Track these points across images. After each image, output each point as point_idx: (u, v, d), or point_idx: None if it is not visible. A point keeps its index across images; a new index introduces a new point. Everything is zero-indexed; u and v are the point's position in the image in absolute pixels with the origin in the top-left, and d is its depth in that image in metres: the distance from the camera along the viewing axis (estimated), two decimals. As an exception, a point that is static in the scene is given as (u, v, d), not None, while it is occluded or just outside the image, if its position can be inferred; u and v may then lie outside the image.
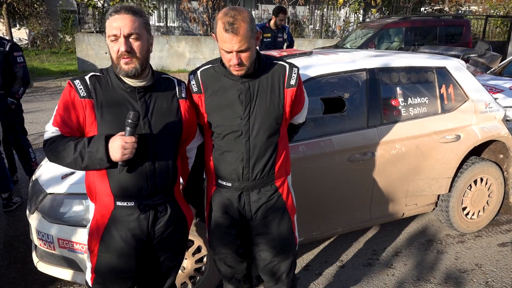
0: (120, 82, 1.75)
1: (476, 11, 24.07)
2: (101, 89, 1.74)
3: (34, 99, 9.05)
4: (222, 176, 2.01)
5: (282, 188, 2.07)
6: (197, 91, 1.94)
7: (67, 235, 2.45)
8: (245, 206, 2.03)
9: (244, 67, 1.81)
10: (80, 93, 1.70)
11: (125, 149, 1.62)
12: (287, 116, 1.99)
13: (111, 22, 1.65)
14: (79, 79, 1.75)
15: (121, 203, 1.79)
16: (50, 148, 1.71)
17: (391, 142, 3.09)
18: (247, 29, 1.73)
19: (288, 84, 1.94)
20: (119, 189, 1.77)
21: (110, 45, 1.67)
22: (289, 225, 2.11)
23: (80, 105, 1.71)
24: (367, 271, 3.15)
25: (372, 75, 3.10)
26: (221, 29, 1.73)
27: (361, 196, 3.15)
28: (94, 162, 1.66)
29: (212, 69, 1.95)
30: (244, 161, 1.94)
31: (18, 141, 4.39)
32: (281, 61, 1.98)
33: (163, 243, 1.91)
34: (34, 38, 18.94)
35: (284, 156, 2.05)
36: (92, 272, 1.87)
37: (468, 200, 3.59)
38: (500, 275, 3.12)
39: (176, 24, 17.63)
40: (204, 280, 2.75)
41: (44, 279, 2.97)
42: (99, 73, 1.78)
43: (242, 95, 1.88)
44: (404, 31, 9.76)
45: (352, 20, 15.97)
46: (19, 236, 3.58)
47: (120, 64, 1.67)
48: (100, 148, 1.63)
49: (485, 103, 3.54)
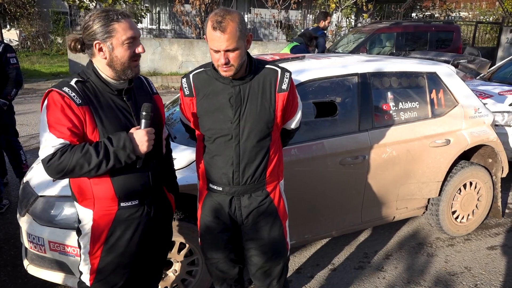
0: (105, 85, 1.77)
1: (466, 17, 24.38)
2: (91, 94, 1.74)
3: (25, 101, 8.97)
4: (213, 180, 2.02)
5: (273, 193, 2.07)
6: (189, 94, 1.95)
7: (59, 238, 2.44)
8: (236, 211, 2.03)
9: (232, 67, 1.81)
10: (76, 101, 1.67)
11: (150, 140, 1.72)
12: (278, 120, 1.99)
13: (124, 25, 1.69)
14: (67, 87, 1.69)
15: (125, 203, 1.83)
16: (60, 161, 1.62)
17: (383, 146, 3.12)
18: (235, 29, 1.74)
19: (279, 89, 1.94)
20: (124, 190, 1.81)
21: (123, 49, 1.70)
22: (280, 230, 2.11)
23: (79, 113, 1.67)
24: (358, 274, 3.17)
25: (364, 79, 3.13)
26: (210, 27, 1.75)
27: (352, 199, 3.17)
28: (121, 159, 1.69)
29: (204, 72, 1.96)
30: (234, 165, 1.94)
31: (9, 142, 4.35)
32: (273, 65, 1.98)
33: (160, 234, 2.04)
34: (25, 40, 18.77)
35: (276, 161, 2.05)
36: (92, 273, 1.88)
37: (458, 204, 3.64)
38: (489, 278, 3.15)
39: (169, 27, 17.62)
40: (196, 282, 2.75)
41: (34, 282, 2.95)
42: (81, 79, 1.76)
43: (233, 98, 1.89)
44: (395, 36, 9.85)
45: (344, 24, 16.07)
46: (9, 239, 3.54)
47: (131, 67, 1.76)
48: (127, 143, 1.68)
49: (475, 108, 3.59)
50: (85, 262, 1.90)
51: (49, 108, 1.66)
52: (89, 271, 1.89)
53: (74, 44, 1.74)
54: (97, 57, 1.74)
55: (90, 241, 1.85)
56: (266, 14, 15.78)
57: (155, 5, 17.35)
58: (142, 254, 1.97)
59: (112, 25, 1.68)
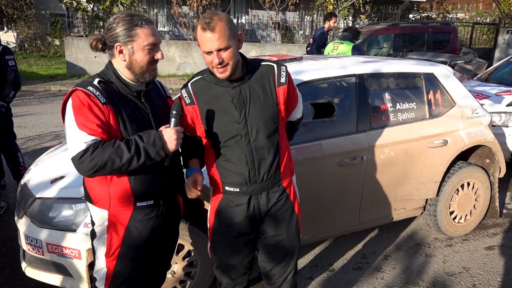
0: (125, 87, 1.83)
1: (463, 18, 24.46)
2: (113, 94, 1.78)
3: (22, 103, 8.96)
4: (229, 182, 2.00)
5: (289, 189, 2.10)
6: (190, 102, 1.95)
7: (57, 240, 2.43)
8: (255, 210, 2.03)
9: (228, 66, 1.81)
10: (100, 100, 1.71)
11: (179, 139, 1.76)
12: (283, 114, 2.00)
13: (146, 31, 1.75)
14: (91, 86, 1.73)
15: (141, 203, 1.85)
16: (93, 157, 1.65)
17: (380, 147, 3.12)
18: (224, 27, 1.76)
19: (279, 83, 1.96)
20: (141, 189, 1.83)
21: (143, 53, 1.76)
22: (296, 225, 2.14)
23: (105, 111, 1.71)
24: (357, 275, 3.17)
25: (362, 80, 3.14)
26: (200, 30, 1.77)
27: (351, 200, 3.18)
28: (151, 155, 1.72)
29: (202, 79, 1.97)
30: (249, 163, 1.95)
31: (7, 144, 4.35)
32: (267, 61, 2.01)
33: (171, 235, 2.08)
34: (22, 42, 18.74)
35: (287, 156, 2.08)
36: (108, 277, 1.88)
37: (456, 204, 3.64)
38: (487, 278, 3.16)
39: (167, 28, 17.60)
40: (194, 284, 2.75)
41: (32, 284, 2.94)
42: (102, 79, 1.80)
43: (235, 99, 1.90)
44: (393, 37, 9.87)
45: (341, 26, 16.11)
46: (6, 241, 3.53)
47: (149, 70, 1.81)
48: (157, 140, 1.72)
49: (472, 108, 3.60)
50: (101, 266, 1.88)
51: (75, 106, 1.69)
52: (105, 275, 1.88)
53: (95, 43, 1.78)
54: (117, 58, 1.79)
55: (107, 243, 1.85)
56: (264, 16, 15.80)
57: (152, 7, 17.35)
58: (155, 256, 1.98)
59: (135, 29, 1.73)
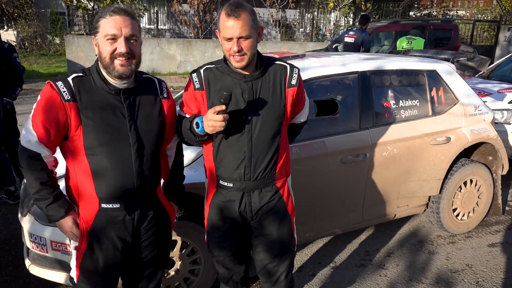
0: (104, 83, 1.72)
1: (464, 15, 24.42)
2: (85, 91, 1.71)
3: (24, 101, 8.95)
4: (224, 177, 2.01)
5: (282, 190, 2.09)
6: (199, 87, 1.93)
7: (61, 237, 2.43)
8: (246, 207, 2.03)
9: (245, 56, 1.81)
10: (64, 96, 1.66)
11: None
12: (288, 115, 2.01)
13: (108, 22, 1.64)
14: (62, 81, 1.69)
15: (107, 205, 1.78)
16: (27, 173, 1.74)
17: (383, 144, 3.12)
18: (248, 17, 1.77)
19: (289, 84, 1.96)
20: (105, 191, 1.76)
21: (104, 44, 1.66)
22: (289, 226, 2.12)
23: (67, 108, 1.66)
24: (360, 272, 3.18)
25: (364, 77, 3.13)
26: (224, 15, 1.77)
27: (353, 198, 3.18)
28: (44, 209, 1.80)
29: (215, 68, 1.96)
30: (246, 160, 1.94)
31: (11, 142, 4.37)
32: (282, 61, 2.01)
33: (148, 243, 1.92)
34: (23, 40, 18.72)
35: (285, 157, 2.07)
36: (77, 269, 1.86)
37: (458, 202, 3.65)
38: (490, 275, 3.16)
39: (167, 26, 17.59)
40: (198, 281, 2.75)
41: (36, 282, 2.94)
42: (81, 74, 1.74)
43: (245, 93, 1.89)
44: (394, 35, 9.85)
45: (342, 23, 16.08)
46: (10, 239, 3.54)
47: (114, 65, 1.67)
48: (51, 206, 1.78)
49: (475, 106, 3.60)
50: (73, 256, 1.88)
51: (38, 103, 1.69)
52: (75, 266, 1.87)
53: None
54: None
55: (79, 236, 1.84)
56: (265, 14, 15.77)
57: (153, 5, 17.31)
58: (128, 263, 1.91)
59: (100, 20, 1.66)
